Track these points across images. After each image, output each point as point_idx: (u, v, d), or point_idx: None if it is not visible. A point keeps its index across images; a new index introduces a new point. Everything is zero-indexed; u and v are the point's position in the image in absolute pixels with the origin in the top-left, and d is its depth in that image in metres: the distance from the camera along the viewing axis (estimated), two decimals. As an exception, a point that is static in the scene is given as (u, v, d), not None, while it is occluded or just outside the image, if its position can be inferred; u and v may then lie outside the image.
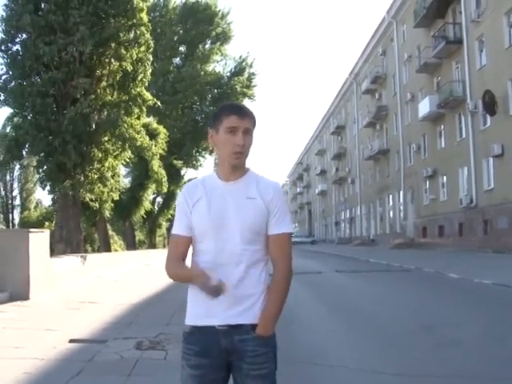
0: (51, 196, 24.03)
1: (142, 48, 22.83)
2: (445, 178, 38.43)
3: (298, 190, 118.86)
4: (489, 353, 6.69)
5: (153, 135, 29.84)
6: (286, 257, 2.52)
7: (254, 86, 52.01)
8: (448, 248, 34.31)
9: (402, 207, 48.35)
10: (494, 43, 30.45)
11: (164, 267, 2.54)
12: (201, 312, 2.46)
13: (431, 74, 39.84)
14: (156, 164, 31.40)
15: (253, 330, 2.42)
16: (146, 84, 24.00)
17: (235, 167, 2.48)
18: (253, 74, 52.34)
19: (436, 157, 39.32)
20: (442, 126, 38.64)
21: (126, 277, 19.23)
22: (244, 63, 52.09)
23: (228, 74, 52.27)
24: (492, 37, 30.62)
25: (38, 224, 48.40)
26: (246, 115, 2.45)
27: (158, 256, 33.12)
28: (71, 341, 7.53)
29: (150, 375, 5.87)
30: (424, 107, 38.97)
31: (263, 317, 2.43)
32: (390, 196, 52.31)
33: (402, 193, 47.95)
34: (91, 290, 14.51)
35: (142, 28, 22.65)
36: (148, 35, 23.12)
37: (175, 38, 49.67)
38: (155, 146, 26.65)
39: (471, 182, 33.29)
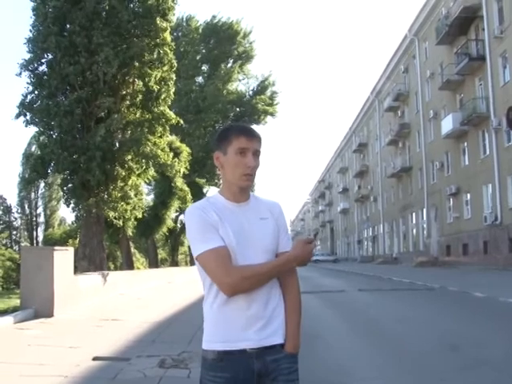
0: (75, 213, 24.15)
1: (166, 67, 23.02)
2: (469, 195, 38.12)
3: (320, 207, 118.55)
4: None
5: (176, 153, 29.99)
6: (296, 275, 2.55)
7: (277, 104, 52.27)
8: (472, 266, 33.93)
9: (425, 225, 48.00)
10: (517, 60, 30.29)
11: (224, 281, 2.29)
12: (231, 335, 2.32)
13: (454, 91, 39.69)
14: (179, 181, 31.55)
15: (282, 349, 2.39)
16: (169, 103, 24.16)
17: (244, 189, 2.45)
18: (275, 92, 52.68)
19: (459, 174, 39.05)
20: (466, 143, 38.41)
21: (148, 294, 19.27)
22: (266, 82, 52.37)
23: (250, 92, 52.55)
24: (515, 53, 30.47)
25: (62, 241, 48.70)
26: (255, 136, 2.42)
27: (181, 274, 33.17)
28: (95, 358, 7.53)
29: (173, 394, 5.86)
30: (447, 124, 38.81)
31: (292, 334, 2.42)
32: (413, 214, 51.97)
33: (425, 211, 47.63)
34: (114, 307, 14.55)
35: (166, 48, 22.85)
36: (171, 55, 23.31)
37: (198, 58, 50.13)
38: (178, 163, 26.78)
39: (496, 200, 32.98)
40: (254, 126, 52.19)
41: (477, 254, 35.64)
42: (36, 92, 21.58)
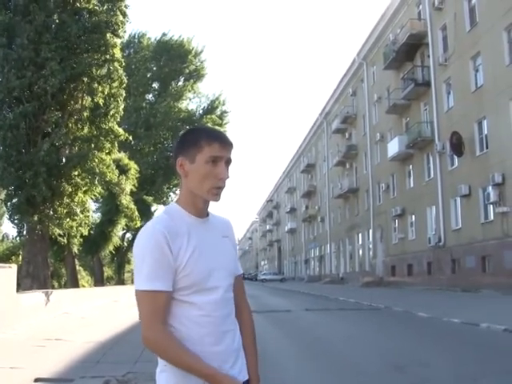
0: (16, 230, 23.53)
1: (115, 83, 22.89)
2: (413, 217, 38.84)
3: (268, 227, 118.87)
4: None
5: (123, 171, 29.72)
6: (247, 298, 2.36)
7: (226, 124, 52.48)
8: (417, 287, 34.50)
9: (371, 246, 48.59)
10: (460, 86, 31.20)
11: (144, 333, 1.96)
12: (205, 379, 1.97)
13: (400, 114, 40.54)
14: (126, 199, 31.23)
15: None
16: (118, 119, 24.00)
17: (208, 203, 2.12)
18: (225, 111, 52.91)
19: (405, 196, 39.78)
20: (411, 166, 39.20)
21: (93, 313, 18.93)
22: (217, 101, 52.57)
23: (200, 111, 52.65)
24: (459, 80, 31.39)
25: (5, 258, 47.49)
26: (229, 144, 2.09)
27: (127, 292, 32.71)
28: (36, 380, 7.35)
29: (118, 415, 5.76)
30: (393, 147, 39.53)
31: (256, 370, 2.23)
32: (360, 234, 52.61)
33: (371, 231, 48.25)
34: (58, 326, 14.24)
35: (116, 64, 22.74)
36: (121, 71, 23.20)
37: (148, 75, 50.00)
38: (126, 181, 26.52)
39: (439, 222, 33.70)
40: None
41: (421, 274, 36.28)
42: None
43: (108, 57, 22.38)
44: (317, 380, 7.75)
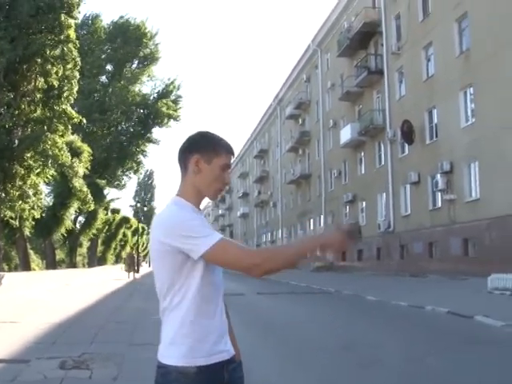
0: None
1: (69, 65, 22.55)
2: (364, 203, 39.52)
3: (220, 211, 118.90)
4: (408, 372, 7.03)
5: (77, 153, 29.34)
6: None
7: (180, 108, 52.16)
8: (366, 271, 35.23)
9: (322, 231, 49.03)
10: (412, 75, 31.81)
11: (250, 262, 2.16)
12: (210, 349, 2.23)
13: (353, 102, 41.05)
14: (79, 182, 30.86)
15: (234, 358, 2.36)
16: (72, 101, 23.69)
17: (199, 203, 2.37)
18: (179, 96, 52.58)
19: (356, 183, 40.40)
20: (363, 153, 39.80)
21: (46, 296, 18.82)
22: (172, 86, 52.18)
23: (155, 95, 52.19)
24: (411, 69, 31.99)
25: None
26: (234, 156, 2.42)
27: (79, 276, 32.46)
28: (-8, 360, 7.37)
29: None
30: (345, 134, 40.03)
31: (236, 342, 2.45)
32: (311, 220, 53.16)
33: (322, 217, 48.85)
34: (11, 309, 14.15)
35: (70, 45, 22.39)
36: (75, 52, 22.86)
37: (103, 57, 49.20)
38: (79, 164, 26.22)
39: (389, 208, 34.42)
40: (157, 129, 51.98)
41: (370, 259, 37.05)
42: None
43: (62, 38, 22.00)
44: (269, 360, 7.93)
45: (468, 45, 26.49)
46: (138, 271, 36.56)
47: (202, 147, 2.33)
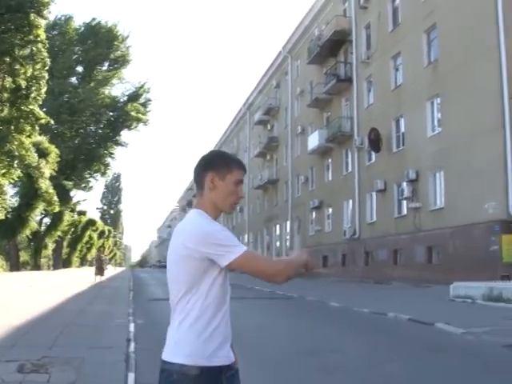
0: None
1: (38, 65, 22.18)
2: (330, 209, 39.72)
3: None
4: (368, 378, 7.04)
5: (44, 154, 28.91)
6: None
7: (149, 112, 51.87)
8: (331, 278, 35.39)
9: (288, 237, 49.32)
10: (381, 84, 32.14)
11: (275, 271, 2.39)
12: (214, 352, 2.36)
13: (322, 109, 41.29)
14: (45, 183, 30.40)
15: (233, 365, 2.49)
16: (40, 102, 23.31)
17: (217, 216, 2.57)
18: (149, 99, 52.24)
19: (323, 189, 40.60)
20: (330, 160, 40.03)
21: (8, 298, 18.46)
22: (141, 89, 51.84)
23: (125, 98, 51.77)
24: (379, 78, 32.32)
25: None
26: (246, 172, 2.62)
27: (43, 278, 31.95)
28: None
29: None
30: (313, 140, 40.24)
31: (234, 349, 2.56)
32: (278, 225, 53.28)
33: (288, 223, 48.99)
34: (-31, 310, 13.83)
35: (39, 45, 22.04)
36: (45, 53, 22.52)
37: (73, 58, 48.63)
38: (45, 165, 25.83)
39: (355, 215, 34.65)
40: (126, 132, 51.61)
41: (336, 265, 37.24)
42: None
43: (31, 37, 21.63)
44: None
45: (436, 55, 26.88)
46: (103, 274, 36.07)
47: (216, 165, 2.53)
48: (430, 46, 27.69)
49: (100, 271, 35.90)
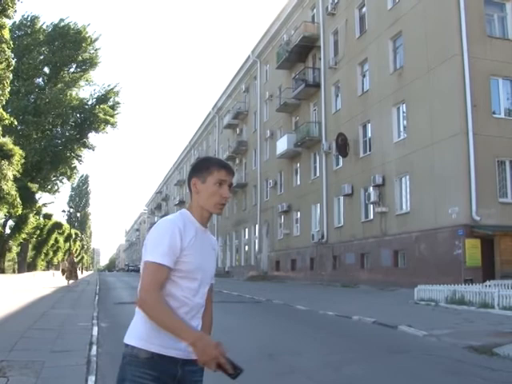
0: None
1: (2, 65, 21.96)
2: (299, 213, 39.92)
3: (156, 219, 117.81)
4: (323, 380, 7.13)
5: (7, 156, 28.52)
6: (212, 302, 2.90)
7: (118, 114, 51.56)
8: (300, 281, 35.57)
9: (257, 240, 49.41)
10: (348, 90, 32.45)
11: (143, 295, 2.44)
12: (167, 342, 2.47)
13: (290, 113, 41.53)
14: (7, 185, 29.97)
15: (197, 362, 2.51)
16: (4, 102, 23.07)
17: (210, 217, 2.75)
18: (118, 102, 51.95)
19: (291, 193, 40.80)
20: (298, 164, 40.25)
21: (-32, 302, 18.16)
22: (110, 91, 51.52)
23: (94, 100, 51.38)
24: (347, 84, 32.63)
25: None
26: (232, 172, 2.71)
27: (6, 281, 31.48)
28: None
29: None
30: (282, 145, 40.42)
31: None
32: (246, 229, 53.36)
33: (257, 226, 49.09)
34: None
35: (3, 45, 21.83)
36: (9, 53, 22.31)
37: (40, 58, 48.07)
38: (8, 166, 25.49)
39: (323, 219, 34.89)
40: (93, 135, 51.18)
41: (304, 269, 37.42)
42: None
43: (-5, 38, 21.45)
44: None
45: (402, 62, 27.24)
46: (77, 277, 35.67)
47: (198, 170, 2.68)
48: (396, 53, 28.07)
49: (73, 274, 35.46)
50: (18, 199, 31.72)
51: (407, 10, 26.61)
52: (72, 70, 50.59)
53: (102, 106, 49.54)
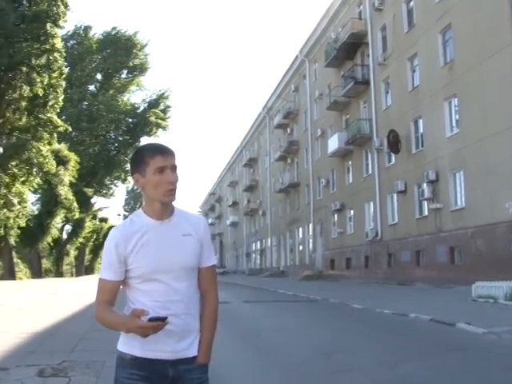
0: None
1: (55, 74, 22.58)
2: (352, 211, 39.63)
3: (210, 220, 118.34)
4: (378, 379, 7.10)
5: (63, 162, 29.33)
6: (215, 287, 2.69)
7: (169, 118, 52.31)
8: (355, 280, 35.31)
9: (311, 240, 49.26)
10: (398, 85, 32.04)
11: (94, 308, 2.55)
12: (148, 345, 2.46)
13: (340, 111, 41.26)
14: (64, 190, 30.79)
15: (194, 360, 2.55)
16: (58, 110, 23.70)
17: (166, 205, 2.51)
18: (168, 106, 52.76)
19: (344, 191, 40.54)
20: (350, 162, 39.95)
21: (30, 305, 18.73)
22: (161, 95, 52.32)
23: (146, 105, 52.27)
24: (397, 79, 32.22)
25: None
26: (169, 153, 2.47)
27: (66, 285, 32.31)
28: (-29, 369, 7.35)
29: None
30: (333, 143, 40.20)
31: (204, 347, 2.59)
32: (300, 228, 53.24)
33: (311, 225, 48.91)
34: (-7, 318, 14.08)
35: (56, 54, 22.44)
36: (61, 61, 22.93)
37: (92, 66, 49.25)
38: (65, 172, 26.25)
39: (376, 217, 34.56)
40: (145, 138, 52.04)
41: (358, 268, 37.12)
42: None
43: (48, 47, 22.01)
44: (249, 368, 8.01)
45: (452, 56, 26.74)
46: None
47: (134, 164, 2.54)
48: (446, 46, 27.57)
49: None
50: (75, 203, 32.56)
51: (456, 1, 26.11)
52: (123, 76, 51.64)
53: (153, 110, 50.34)
